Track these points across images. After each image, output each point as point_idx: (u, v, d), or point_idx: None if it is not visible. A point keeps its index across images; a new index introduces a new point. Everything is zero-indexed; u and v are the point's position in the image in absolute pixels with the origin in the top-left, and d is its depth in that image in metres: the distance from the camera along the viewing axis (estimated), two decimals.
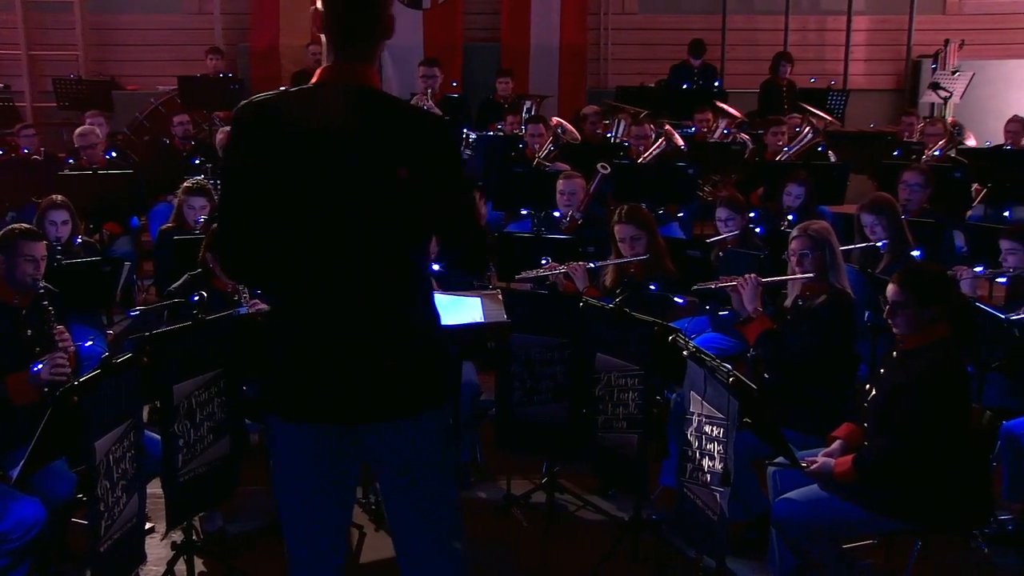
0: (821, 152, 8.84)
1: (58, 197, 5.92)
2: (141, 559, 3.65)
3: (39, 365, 3.89)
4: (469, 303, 4.19)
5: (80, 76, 11.44)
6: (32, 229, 4.36)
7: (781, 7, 12.32)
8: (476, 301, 4.20)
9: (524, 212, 7.40)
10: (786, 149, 8.53)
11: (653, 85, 11.33)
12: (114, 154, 8.40)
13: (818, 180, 7.07)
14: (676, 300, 5.08)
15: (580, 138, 8.78)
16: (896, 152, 9.00)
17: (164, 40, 12.18)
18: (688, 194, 7.75)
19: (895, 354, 3.78)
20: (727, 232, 5.81)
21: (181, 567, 3.93)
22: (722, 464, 3.46)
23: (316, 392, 2.61)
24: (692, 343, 3.76)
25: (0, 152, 8.97)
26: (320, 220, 2.53)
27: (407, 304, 2.64)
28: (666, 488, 4.52)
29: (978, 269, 5.14)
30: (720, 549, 3.64)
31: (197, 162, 8.07)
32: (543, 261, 5.19)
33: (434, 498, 2.75)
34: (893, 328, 3.75)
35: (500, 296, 4.33)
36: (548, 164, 7.85)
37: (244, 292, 4.73)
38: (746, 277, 4.47)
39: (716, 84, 11.25)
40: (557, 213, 6.48)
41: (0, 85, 11.57)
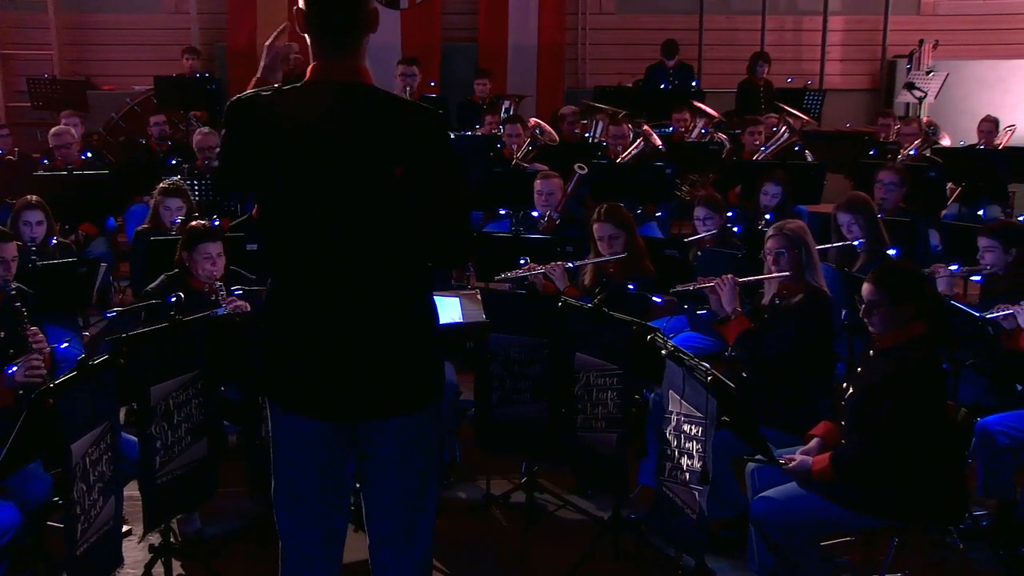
0: (798, 152, 8.89)
1: (33, 198, 5.87)
2: (118, 562, 3.62)
3: (13, 367, 3.85)
4: (448, 303, 4.19)
5: (54, 76, 11.33)
6: (1, 230, 4.33)
7: (758, 7, 12.37)
8: (455, 301, 4.20)
9: (502, 212, 7.41)
10: (763, 149, 8.58)
11: (631, 85, 11.35)
12: (89, 154, 8.33)
13: (795, 180, 7.11)
14: (654, 299, 5.10)
15: (558, 138, 8.79)
16: (872, 152, 9.08)
17: (140, 40, 12.09)
18: (666, 194, 7.79)
19: (872, 353, 3.81)
20: (705, 231, 5.83)
21: (159, 570, 3.91)
22: (701, 463, 3.47)
23: (315, 388, 2.62)
24: (670, 342, 3.77)
25: None
26: (318, 216, 2.54)
27: (405, 300, 2.66)
28: (645, 487, 4.53)
29: (953, 267, 5.18)
30: (699, 547, 3.65)
31: (174, 163, 8.02)
32: (521, 261, 5.19)
33: (419, 494, 2.76)
34: (869, 327, 3.78)
35: (479, 296, 4.33)
36: (526, 164, 7.85)
37: (221, 291, 4.70)
38: (723, 278, 4.49)
39: (693, 84, 11.29)
40: (535, 213, 6.49)
41: None
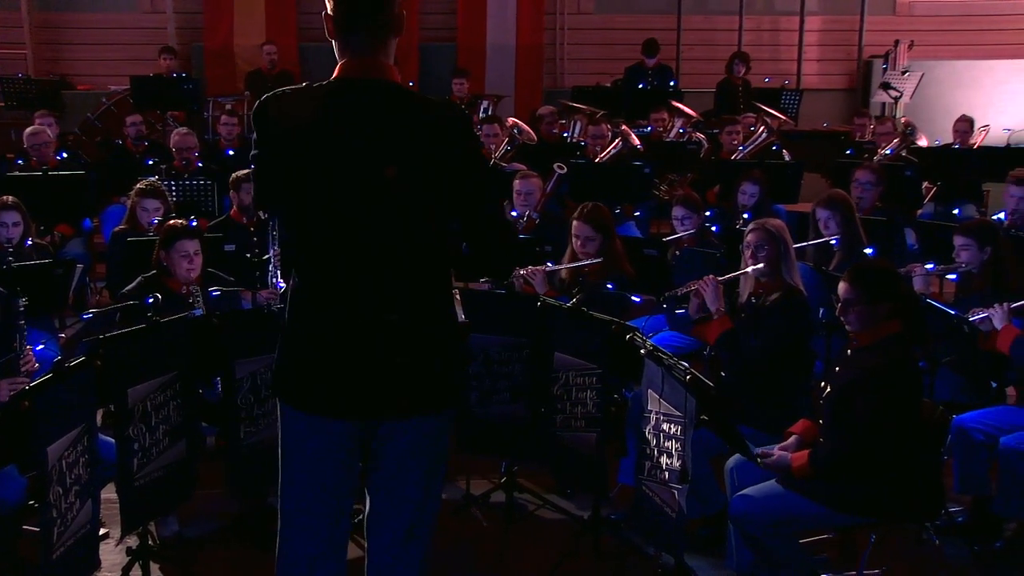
0: (775, 151, 8.94)
1: (9, 198, 5.81)
2: (95, 566, 3.60)
3: None
4: None
5: (29, 75, 11.24)
6: None
7: (735, 7, 12.43)
8: None
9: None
10: (741, 148, 8.62)
11: (609, 85, 11.37)
12: (65, 155, 8.27)
13: (772, 179, 7.14)
14: (633, 299, 5.11)
15: (536, 138, 8.79)
16: (849, 151, 9.13)
17: (116, 39, 12.02)
18: (644, 193, 7.81)
19: (849, 351, 3.84)
20: (683, 230, 5.84)
21: (136, 573, 3.88)
22: (680, 462, 3.49)
23: (338, 388, 2.62)
24: (649, 341, 3.78)
25: None
26: (345, 215, 2.54)
27: (429, 300, 2.66)
28: (624, 486, 4.54)
29: (929, 266, 5.23)
30: (678, 546, 3.67)
31: (151, 163, 7.97)
32: None
33: (424, 499, 2.76)
34: (846, 325, 3.81)
35: (458, 296, 4.33)
36: (504, 164, 7.86)
37: (197, 294, 4.68)
38: (705, 279, 4.51)
39: (671, 84, 11.33)
40: (514, 213, 6.49)
41: None
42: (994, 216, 6.62)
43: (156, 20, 12.07)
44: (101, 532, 4.02)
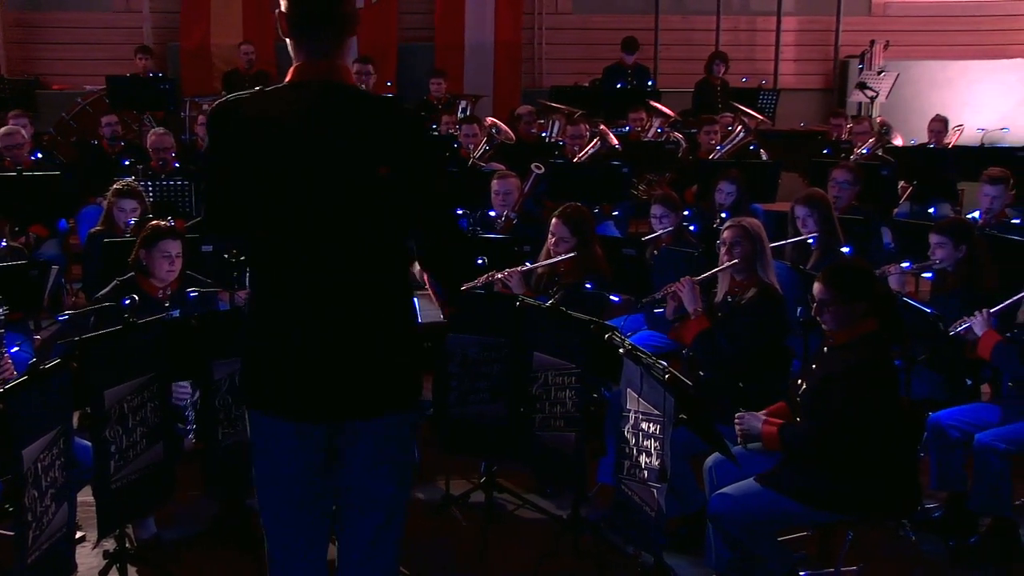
0: (753, 151, 8.98)
1: None
2: (71, 569, 3.57)
3: None
4: None
5: (1, 75, 11.13)
6: None
7: (713, 7, 12.47)
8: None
9: (459, 212, 7.38)
10: (719, 148, 8.65)
11: (587, 85, 11.39)
12: (40, 155, 8.19)
13: (750, 178, 7.18)
14: (612, 298, 5.12)
15: (515, 138, 8.79)
16: (826, 150, 9.19)
17: (91, 38, 11.92)
18: (623, 193, 7.82)
19: (826, 349, 3.86)
20: (661, 229, 5.86)
21: None
22: (659, 460, 3.49)
23: (297, 389, 2.62)
24: (628, 341, 3.79)
25: None
26: (303, 218, 2.54)
27: (388, 300, 2.67)
28: (604, 485, 4.55)
29: (905, 265, 5.26)
30: (658, 545, 3.68)
31: (127, 163, 7.91)
32: (479, 261, 5.19)
33: (394, 496, 2.77)
34: (822, 325, 3.83)
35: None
36: (483, 164, 7.85)
37: (174, 304, 4.65)
38: (681, 281, 4.53)
39: (649, 84, 11.36)
40: (492, 213, 6.49)
41: None
42: (969, 215, 6.68)
43: (132, 19, 11.98)
44: (77, 535, 3.99)
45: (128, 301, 3.81)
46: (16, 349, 4.74)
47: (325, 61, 2.59)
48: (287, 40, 2.62)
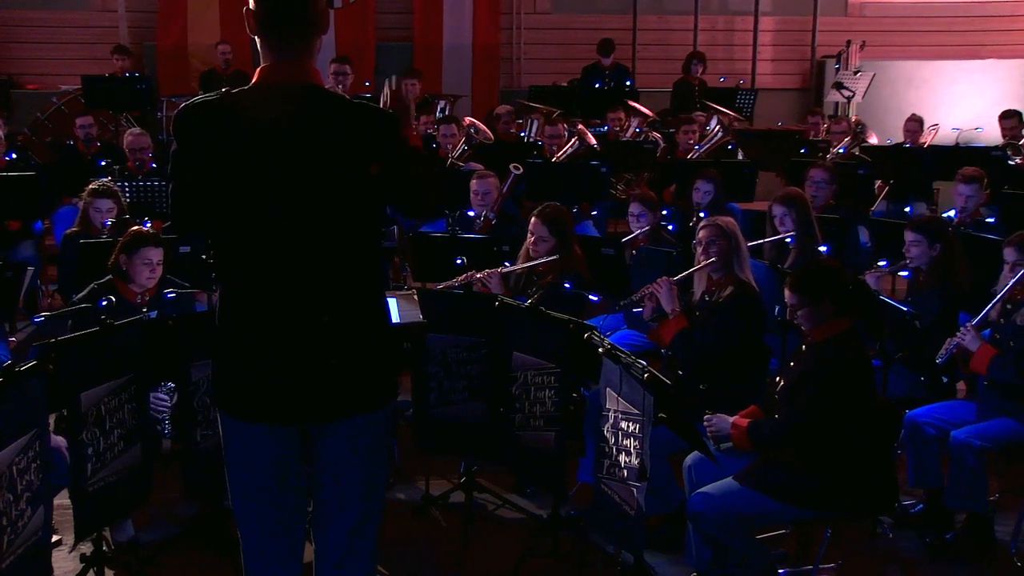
0: (731, 150, 9.01)
1: None
2: (47, 574, 3.53)
3: None
4: None
5: None
6: None
7: (690, 7, 12.51)
8: (392, 302, 4.17)
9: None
10: (697, 148, 8.68)
11: (566, 85, 11.40)
12: (14, 155, 8.12)
13: (728, 178, 7.20)
14: (591, 298, 5.12)
15: (493, 138, 8.80)
16: (803, 150, 9.24)
17: (66, 38, 11.82)
18: (601, 192, 7.83)
19: (803, 347, 3.89)
20: (639, 227, 5.86)
21: None
22: (638, 459, 3.50)
23: (268, 392, 2.61)
24: (607, 340, 3.80)
25: None
26: (274, 221, 2.53)
27: (359, 302, 2.66)
28: (584, 485, 4.55)
29: (882, 263, 5.30)
30: (638, 543, 3.68)
31: (103, 164, 7.85)
32: (458, 261, 5.19)
33: (368, 495, 2.77)
34: (800, 325, 3.87)
35: (415, 296, 4.32)
36: (461, 164, 7.85)
37: (151, 311, 4.61)
38: (658, 282, 4.55)
39: (628, 83, 11.38)
40: (471, 213, 6.48)
41: None
42: (944, 214, 6.73)
43: (107, 19, 11.88)
44: (54, 539, 3.95)
45: (105, 303, 3.77)
46: None
47: (295, 63, 2.57)
48: (255, 38, 2.61)
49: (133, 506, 4.03)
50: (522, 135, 9.50)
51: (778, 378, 3.96)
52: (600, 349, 3.75)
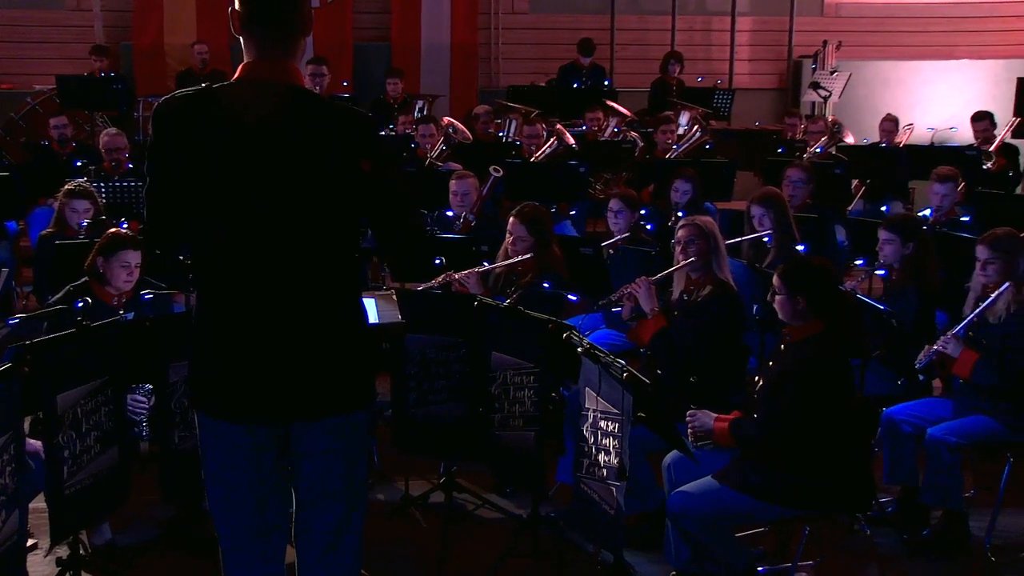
0: (709, 150, 9.05)
1: None
2: None
3: None
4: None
5: None
6: None
7: (668, 7, 12.55)
8: (370, 302, 4.16)
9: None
10: (675, 147, 8.70)
11: (544, 84, 11.41)
12: None
13: (705, 177, 7.23)
14: (569, 298, 5.13)
15: (472, 137, 8.79)
16: (780, 149, 9.28)
17: (40, 37, 11.70)
18: (580, 192, 7.84)
19: (782, 346, 3.91)
20: (616, 224, 5.86)
21: None
22: (617, 459, 3.51)
23: (246, 392, 2.61)
24: (586, 340, 3.80)
25: None
26: (254, 218, 2.53)
27: (337, 302, 2.67)
28: (563, 484, 4.56)
29: (859, 262, 5.33)
30: (617, 542, 3.69)
31: (79, 164, 7.78)
32: (436, 261, 5.18)
33: (349, 496, 2.77)
34: (778, 312, 3.89)
35: (394, 296, 4.31)
36: (440, 164, 7.84)
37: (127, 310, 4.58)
38: (637, 282, 4.56)
39: (606, 83, 11.40)
40: (450, 213, 6.48)
41: None
42: (920, 213, 6.79)
43: (82, 18, 11.78)
44: (29, 543, 3.92)
45: (81, 304, 3.74)
46: None
47: (279, 61, 2.57)
48: (240, 38, 2.60)
49: (110, 509, 4.00)
50: (500, 135, 9.50)
51: (757, 377, 3.98)
52: (579, 349, 3.75)
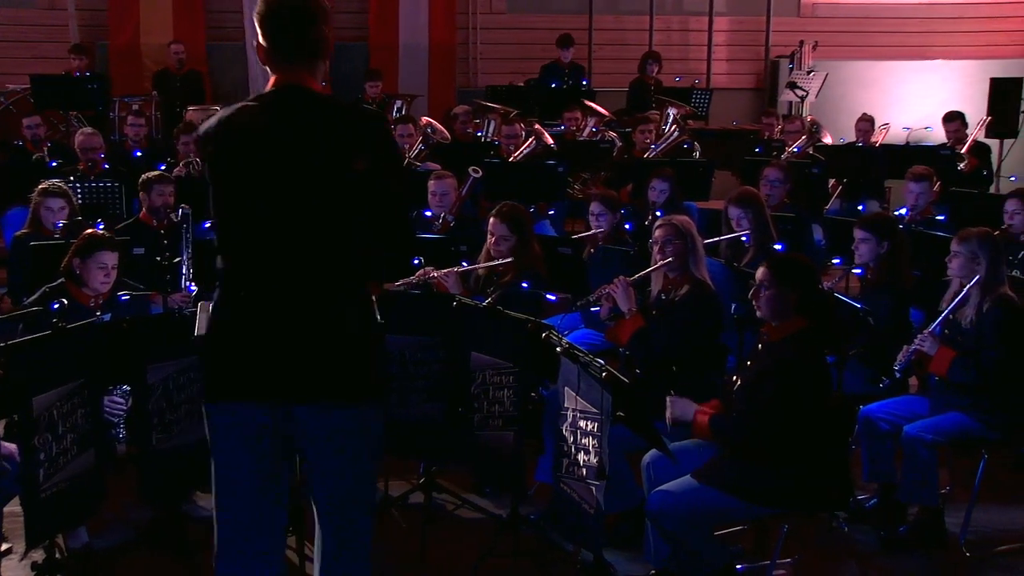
0: (687, 149, 9.08)
1: None
2: None
3: None
4: None
5: None
6: None
7: (646, 7, 12.57)
8: None
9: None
10: (653, 147, 8.73)
11: (523, 84, 11.42)
12: None
13: (683, 177, 7.25)
14: (548, 297, 5.13)
15: (450, 138, 8.79)
16: (757, 149, 9.32)
17: (13, 35, 11.58)
18: (558, 192, 7.84)
19: (760, 346, 3.92)
20: (598, 227, 5.88)
21: None
22: (597, 458, 3.52)
23: (252, 369, 2.73)
24: (565, 339, 3.81)
25: None
26: (276, 214, 2.69)
27: (350, 295, 2.78)
28: (543, 484, 4.56)
29: (836, 261, 5.37)
30: (597, 542, 3.70)
31: (55, 165, 7.72)
32: (415, 261, 5.17)
33: (356, 492, 2.85)
34: (756, 311, 3.89)
35: (373, 297, 4.29)
36: (418, 164, 7.83)
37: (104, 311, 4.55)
38: (615, 281, 4.57)
39: (584, 83, 11.42)
40: (428, 213, 6.47)
41: None
42: (896, 212, 6.83)
43: (56, 17, 11.66)
44: (4, 547, 3.89)
45: (57, 305, 3.72)
46: None
47: (299, 75, 2.77)
48: (266, 67, 2.80)
49: (87, 512, 3.97)
50: (479, 135, 9.50)
51: (735, 377, 3.99)
52: (558, 348, 3.76)
